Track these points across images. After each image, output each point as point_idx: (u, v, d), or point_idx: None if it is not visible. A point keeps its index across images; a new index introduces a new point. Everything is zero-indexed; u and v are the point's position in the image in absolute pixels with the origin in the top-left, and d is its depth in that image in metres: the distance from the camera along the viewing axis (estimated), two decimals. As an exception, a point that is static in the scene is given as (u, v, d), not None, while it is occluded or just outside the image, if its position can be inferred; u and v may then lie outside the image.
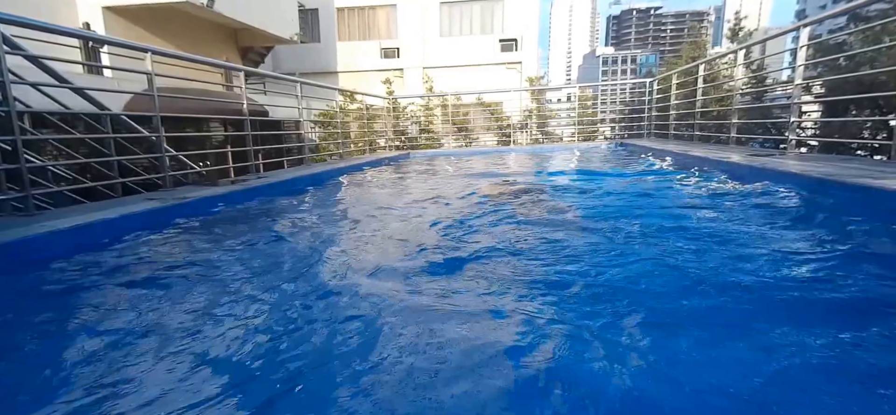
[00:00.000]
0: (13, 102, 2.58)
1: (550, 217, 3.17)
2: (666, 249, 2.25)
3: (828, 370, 1.23)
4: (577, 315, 1.59)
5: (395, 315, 1.63)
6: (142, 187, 3.90)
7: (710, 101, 7.60)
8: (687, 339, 1.45)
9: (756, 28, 12.72)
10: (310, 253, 2.52)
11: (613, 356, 1.31)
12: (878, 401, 1.11)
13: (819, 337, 1.37)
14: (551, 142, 10.86)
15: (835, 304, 1.62)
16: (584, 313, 1.60)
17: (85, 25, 8.16)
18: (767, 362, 1.27)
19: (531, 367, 1.28)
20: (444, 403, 1.14)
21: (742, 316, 1.58)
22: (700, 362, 1.31)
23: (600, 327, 1.48)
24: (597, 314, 1.58)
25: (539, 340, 1.42)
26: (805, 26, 4.14)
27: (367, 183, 5.37)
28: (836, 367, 1.24)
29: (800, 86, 4.33)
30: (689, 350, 1.38)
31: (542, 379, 1.23)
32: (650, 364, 1.29)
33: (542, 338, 1.43)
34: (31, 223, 2.40)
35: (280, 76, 6.93)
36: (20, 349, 1.53)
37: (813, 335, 1.38)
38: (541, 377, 1.24)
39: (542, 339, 1.42)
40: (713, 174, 4.21)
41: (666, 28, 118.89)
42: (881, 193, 2.40)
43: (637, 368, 1.27)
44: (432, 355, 1.35)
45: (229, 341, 1.48)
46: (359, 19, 17.70)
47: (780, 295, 1.69)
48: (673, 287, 1.84)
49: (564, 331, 1.49)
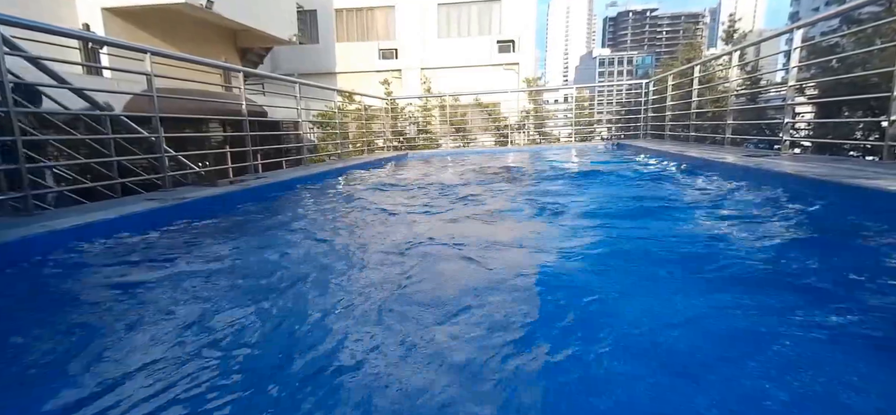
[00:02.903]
0: (13, 103, 2.59)
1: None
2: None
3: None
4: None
5: (394, 306, 1.65)
6: (141, 188, 3.90)
7: (705, 103, 7.67)
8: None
9: (751, 30, 12.80)
10: (309, 252, 2.54)
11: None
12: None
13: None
14: (548, 142, 10.91)
15: (814, 291, 1.66)
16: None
17: (84, 26, 8.16)
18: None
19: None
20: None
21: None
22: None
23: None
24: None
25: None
26: (798, 28, 4.19)
27: (366, 183, 5.39)
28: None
29: (794, 87, 4.39)
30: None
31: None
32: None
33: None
34: (30, 223, 2.41)
35: (279, 77, 6.94)
36: (20, 350, 1.54)
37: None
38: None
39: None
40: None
41: (662, 30, 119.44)
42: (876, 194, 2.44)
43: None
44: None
45: (228, 340, 1.50)
46: (357, 20, 17.72)
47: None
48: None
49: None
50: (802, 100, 6.29)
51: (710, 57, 9.38)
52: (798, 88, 5.22)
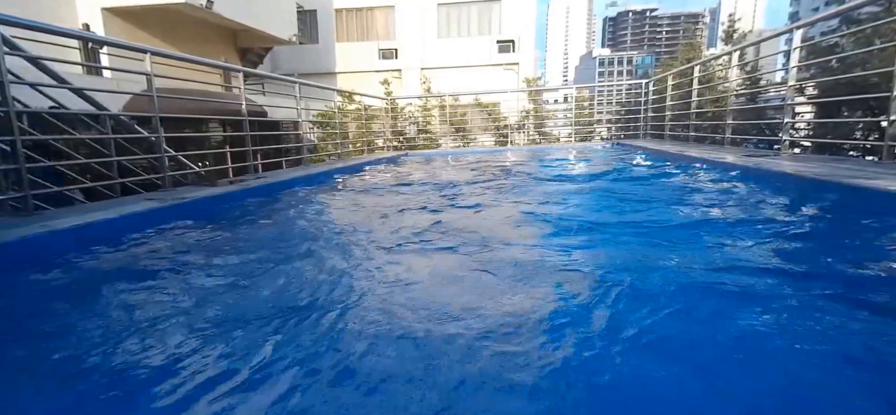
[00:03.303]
0: (12, 103, 2.59)
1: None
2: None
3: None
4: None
5: (393, 298, 1.66)
6: (141, 188, 3.91)
7: (705, 102, 7.68)
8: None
9: (750, 30, 12.84)
10: (309, 252, 2.54)
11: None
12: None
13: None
14: (548, 142, 10.92)
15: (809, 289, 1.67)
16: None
17: (84, 26, 8.16)
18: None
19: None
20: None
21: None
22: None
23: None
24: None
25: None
26: (798, 28, 4.19)
27: (366, 183, 5.39)
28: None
29: (793, 87, 4.39)
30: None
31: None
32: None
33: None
34: (30, 223, 2.42)
35: (279, 77, 6.95)
36: (18, 349, 1.54)
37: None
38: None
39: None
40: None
41: (662, 30, 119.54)
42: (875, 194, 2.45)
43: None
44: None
45: (228, 340, 1.51)
46: (357, 20, 17.73)
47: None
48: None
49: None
50: (802, 100, 6.30)
51: (709, 57, 9.39)
52: (798, 88, 5.23)
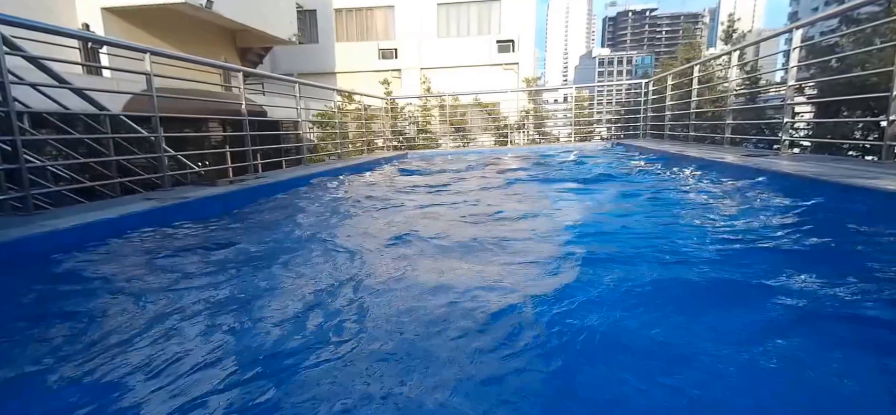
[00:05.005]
0: (13, 103, 2.59)
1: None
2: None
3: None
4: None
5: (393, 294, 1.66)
6: (141, 187, 3.91)
7: (704, 102, 7.68)
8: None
9: (750, 30, 12.86)
10: (309, 251, 2.54)
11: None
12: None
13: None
14: (548, 142, 10.92)
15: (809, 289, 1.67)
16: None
17: (84, 26, 8.16)
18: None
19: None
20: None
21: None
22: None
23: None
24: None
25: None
26: (798, 28, 4.19)
27: (365, 182, 5.39)
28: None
29: (793, 87, 4.39)
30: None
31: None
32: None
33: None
34: (30, 223, 2.42)
35: (279, 77, 6.94)
36: (18, 349, 1.54)
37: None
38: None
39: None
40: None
41: (661, 30, 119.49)
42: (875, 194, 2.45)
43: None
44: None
45: (228, 341, 1.51)
46: (357, 20, 17.73)
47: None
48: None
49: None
50: (802, 100, 6.30)
51: (709, 57, 9.40)
52: (797, 88, 5.23)
